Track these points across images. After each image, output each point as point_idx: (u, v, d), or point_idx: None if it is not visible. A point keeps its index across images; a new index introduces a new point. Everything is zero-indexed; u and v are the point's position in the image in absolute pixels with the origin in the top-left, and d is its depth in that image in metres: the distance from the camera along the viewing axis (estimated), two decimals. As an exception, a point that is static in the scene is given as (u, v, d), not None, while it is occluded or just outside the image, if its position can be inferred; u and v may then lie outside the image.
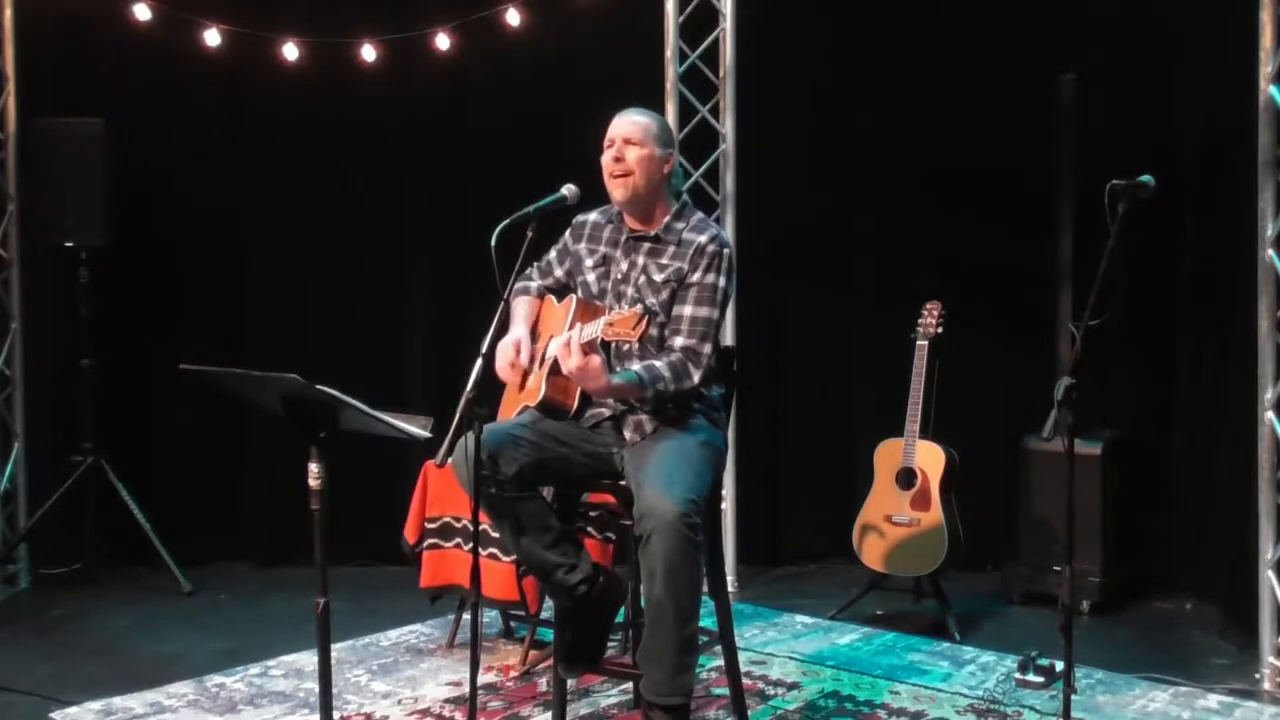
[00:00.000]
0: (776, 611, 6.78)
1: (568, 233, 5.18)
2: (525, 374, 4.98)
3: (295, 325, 7.75)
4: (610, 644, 5.13)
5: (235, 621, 6.45)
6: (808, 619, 6.62)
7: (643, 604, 4.54)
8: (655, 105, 6.16)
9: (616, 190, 4.88)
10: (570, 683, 5.29)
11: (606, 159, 4.93)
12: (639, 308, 4.48)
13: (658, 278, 4.88)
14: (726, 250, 4.88)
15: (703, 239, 4.87)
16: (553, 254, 5.21)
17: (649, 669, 4.46)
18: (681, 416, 4.85)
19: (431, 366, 7.75)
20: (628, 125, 4.92)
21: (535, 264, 5.23)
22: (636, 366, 4.73)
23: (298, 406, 4.06)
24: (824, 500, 7.69)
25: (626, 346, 4.86)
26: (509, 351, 4.96)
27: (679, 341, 4.81)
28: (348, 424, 4.13)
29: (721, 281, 4.84)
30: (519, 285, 5.21)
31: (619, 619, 5.00)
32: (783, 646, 6.05)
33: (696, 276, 4.84)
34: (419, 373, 7.80)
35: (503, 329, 4.93)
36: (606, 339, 4.53)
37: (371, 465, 7.28)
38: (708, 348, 4.79)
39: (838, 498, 7.43)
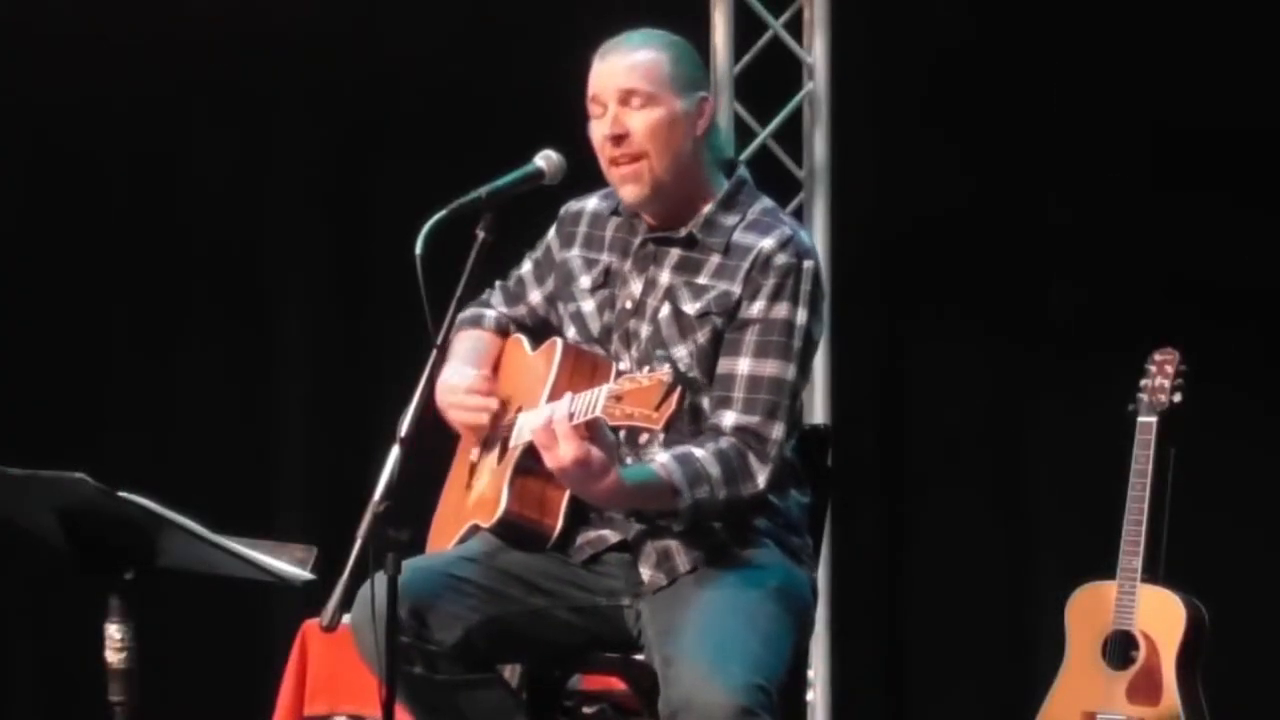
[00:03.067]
0: None
1: (552, 231, 3.51)
2: (471, 470, 3.32)
3: (83, 390, 5.49)
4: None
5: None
6: None
7: None
8: (695, 15, 3.78)
9: (626, 190, 3.26)
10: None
11: (598, 137, 3.26)
12: (666, 370, 2.88)
13: (690, 308, 3.26)
14: (808, 263, 3.26)
15: (767, 243, 3.24)
16: (526, 266, 3.54)
17: None
18: (738, 544, 3.24)
19: (313, 456, 5.48)
20: (623, 70, 3.24)
21: (500, 282, 3.57)
22: (663, 457, 3.14)
23: (86, 528, 2.76)
24: (980, 684, 5.29)
25: (644, 436, 3.23)
26: (460, 379, 3.30)
27: (730, 419, 3.19)
28: (174, 558, 2.86)
29: (800, 316, 3.23)
30: (469, 313, 3.49)
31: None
32: None
33: (758, 307, 3.22)
34: (291, 467, 5.51)
35: (433, 400, 3.18)
36: (611, 424, 2.95)
37: (211, 625, 5.19)
38: (779, 429, 3.19)
39: (1003, 680, 5.21)
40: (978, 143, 5.32)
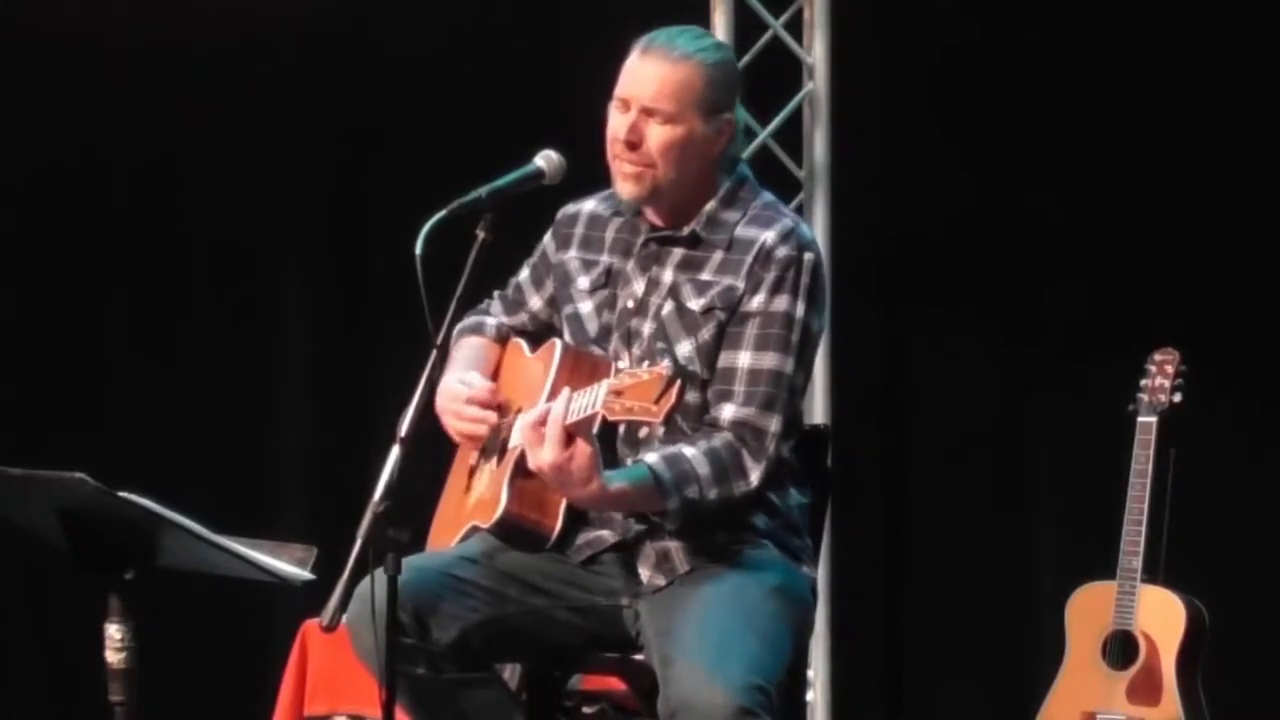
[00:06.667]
0: None
1: (549, 234, 3.47)
2: (471, 472, 3.31)
3: (83, 390, 5.48)
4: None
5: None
6: None
7: None
8: (695, 14, 3.74)
9: (625, 187, 3.24)
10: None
11: (613, 133, 3.24)
12: (665, 364, 2.88)
13: (695, 304, 3.24)
14: (809, 256, 3.24)
15: (769, 236, 3.23)
16: (524, 273, 3.51)
17: None
18: (736, 544, 3.22)
19: (313, 456, 5.47)
20: (654, 80, 3.18)
21: (499, 292, 3.55)
22: (652, 457, 3.12)
23: (86, 528, 2.73)
24: (980, 684, 5.26)
25: (644, 431, 3.22)
26: (460, 387, 3.28)
27: (729, 412, 3.17)
28: (174, 558, 2.85)
29: (800, 309, 3.20)
30: (469, 321, 3.48)
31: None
32: None
33: (759, 300, 3.20)
34: (291, 467, 5.49)
35: (432, 400, 3.17)
36: (612, 419, 2.95)
37: (211, 625, 5.17)
38: (776, 421, 3.16)
39: (1003, 680, 5.19)
40: (977, 142, 5.30)
